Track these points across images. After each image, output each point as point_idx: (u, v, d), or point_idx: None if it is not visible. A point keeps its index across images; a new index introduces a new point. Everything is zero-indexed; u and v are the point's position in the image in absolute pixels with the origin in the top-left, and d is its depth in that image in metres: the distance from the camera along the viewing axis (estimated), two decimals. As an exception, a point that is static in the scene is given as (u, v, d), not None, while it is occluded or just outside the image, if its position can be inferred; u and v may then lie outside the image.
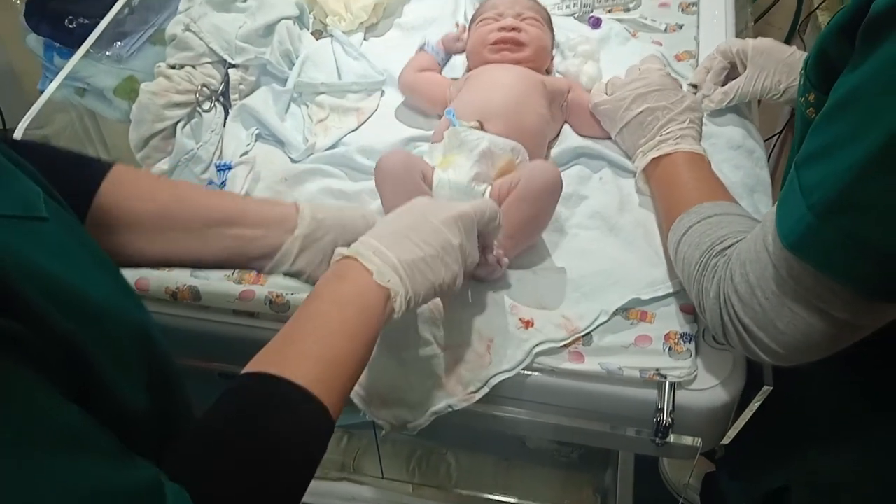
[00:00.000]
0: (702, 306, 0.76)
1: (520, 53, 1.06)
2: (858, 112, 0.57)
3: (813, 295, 0.63)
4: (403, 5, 1.30)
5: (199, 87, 1.08)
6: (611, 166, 1.00)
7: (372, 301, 0.65)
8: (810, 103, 0.71)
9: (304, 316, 0.64)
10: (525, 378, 0.83)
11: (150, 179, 0.82)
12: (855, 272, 0.59)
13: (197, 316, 0.92)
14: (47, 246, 0.52)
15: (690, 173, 0.88)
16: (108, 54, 1.44)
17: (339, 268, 0.68)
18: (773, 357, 0.69)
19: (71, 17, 1.47)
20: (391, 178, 0.90)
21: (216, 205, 0.76)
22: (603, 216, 0.95)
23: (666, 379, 0.80)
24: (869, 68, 0.56)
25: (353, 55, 1.17)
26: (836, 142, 0.58)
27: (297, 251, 0.76)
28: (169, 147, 1.07)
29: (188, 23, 1.11)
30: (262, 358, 0.60)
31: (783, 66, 0.99)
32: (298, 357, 0.60)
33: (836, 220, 0.58)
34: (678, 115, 0.92)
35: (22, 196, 0.53)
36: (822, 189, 0.59)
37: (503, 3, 1.11)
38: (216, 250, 0.75)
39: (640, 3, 1.26)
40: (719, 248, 0.74)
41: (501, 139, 0.93)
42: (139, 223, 0.73)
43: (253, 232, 0.75)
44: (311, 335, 0.62)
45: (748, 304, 0.68)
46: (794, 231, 0.61)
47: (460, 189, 0.90)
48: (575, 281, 0.89)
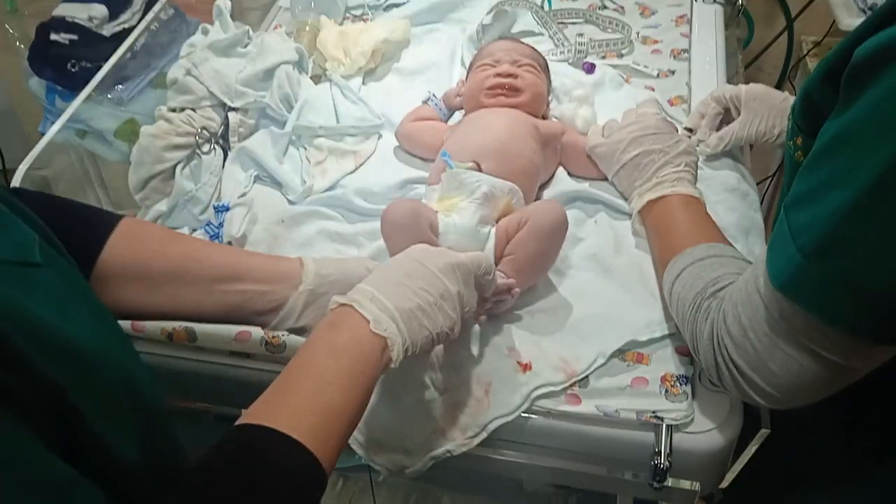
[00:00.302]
0: (696, 348, 0.76)
1: (515, 99, 1.07)
2: (844, 156, 0.58)
3: (804, 336, 0.63)
4: (401, 51, 1.32)
5: (198, 130, 1.10)
6: (606, 209, 1.01)
7: (368, 350, 0.64)
8: (798, 146, 0.73)
9: (298, 366, 0.63)
10: (522, 421, 0.82)
11: (158, 233, 0.82)
12: (844, 313, 0.60)
13: (192, 357, 0.92)
14: (39, 292, 0.52)
15: (685, 216, 0.89)
16: (110, 97, 1.46)
17: (335, 316, 0.67)
18: (767, 400, 0.69)
19: (74, 61, 1.49)
20: (400, 229, 0.89)
21: (224, 261, 0.76)
22: (598, 258, 0.95)
23: (663, 421, 0.79)
24: (853, 114, 0.58)
25: (352, 99, 1.19)
26: (823, 185, 0.59)
27: (301, 306, 0.77)
28: (168, 188, 1.08)
29: (189, 67, 1.13)
30: (256, 410, 0.60)
31: (776, 110, 1.01)
32: (292, 409, 0.59)
33: (825, 262, 0.59)
34: (674, 158, 0.93)
35: (16, 241, 0.53)
36: (810, 231, 0.60)
37: (500, 49, 1.13)
38: (221, 305, 0.76)
39: (632, 50, 1.29)
40: (712, 289, 0.74)
41: (500, 181, 0.94)
42: (147, 277, 0.73)
43: (258, 287, 0.76)
44: (305, 386, 0.61)
45: (741, 345, 0.68)
46: (783, 272, 0.62)
47: (467, 233, 0.90)
48: (572, 323, 0.89)
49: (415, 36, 1.34)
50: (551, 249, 0.90)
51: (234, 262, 0.76)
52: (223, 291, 0.75)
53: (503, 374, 0.83)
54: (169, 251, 0.75)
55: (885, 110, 0.55)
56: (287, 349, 0.89)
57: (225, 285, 0.75)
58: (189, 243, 0.84)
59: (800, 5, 1.74)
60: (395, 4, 1.44)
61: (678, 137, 0.96)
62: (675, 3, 1.38)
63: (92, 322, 0.57)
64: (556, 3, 1.42)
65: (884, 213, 0.55)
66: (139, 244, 0.74)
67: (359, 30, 1.29)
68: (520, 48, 1.14)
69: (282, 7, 1.49)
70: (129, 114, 1.48)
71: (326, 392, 0.61)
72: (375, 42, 1.26)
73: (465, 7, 1.38)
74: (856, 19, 1.42)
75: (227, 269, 0.75)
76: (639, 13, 1.37)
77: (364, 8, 1.43)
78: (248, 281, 0.75)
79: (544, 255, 0.90)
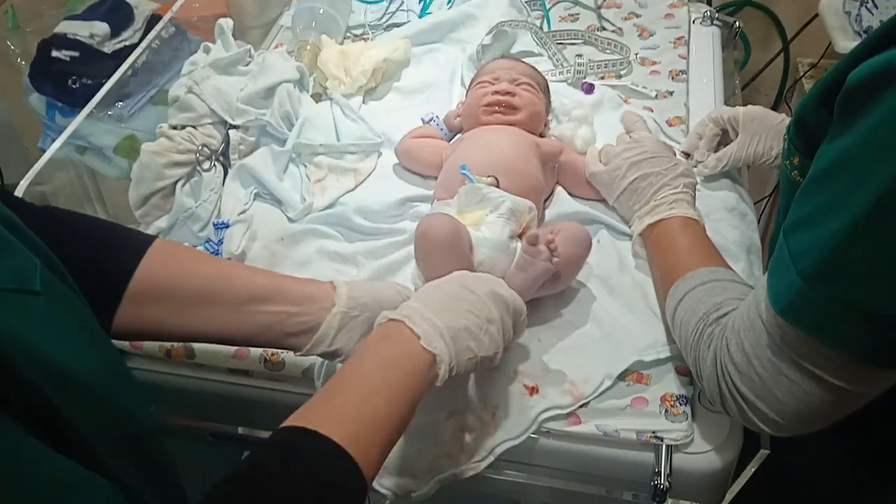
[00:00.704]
0: (699, 374, 0.76)
1: (512, 116, 1.07)
2: (842, 180, 0.58)
3: (808, 361, 0.63)
4: (402, 70, 1.33)
5: (199, 147, 1.10)
6: (608, 229, 1.01)
7: (416, 365, 0.65)
8: (795, 166, 0.73)
9: (346, 374, 0.64)
10: (523, 441, 0.82)
11: (191, 254, 0.82)
12: (846, 337, 0.60)
13: (191, 374, 0.92)
14: (37, 320, 0.52)
15: (685, 238, 0.88)
16: (110, 114, 1.47)
17: (385, 330, 0.68)
18: (773, 427, 0.69)
19: (75, 78, 1.50)
20: (440, 245, 0.87)
21: (254, 282, 0.76)
22: (602, 278, 0.95)
23: (663, 441, 0.79)
24: (850, 138, 0.58)
25: (352, 118, 1.19)
26: (822, 209, 0.59)
27: (336, 329, 0.75)
28: (168, 205, 1.08)
29: (191, 85, 1.14)
30: (301, 413, 0.60)
31: (773, 132, 1.01)
32: (337, 414, 0.59)
33: (825, 286, 0.59)
34: (672, 181, 0.93)
35: (16, 269, 0.53)
36: (810, 255, 0.60)
37: (500, 67, 1.14)
38: (252, 326, 0.74)
39: (631, 70, 1.30)
40: (715, 315, 0.74)
41: (519, 198, 0.94)
42: (178, 297, 0.73)
43: (289, 308, 0.75)
44: (351, 393, 0.62)
45: (745, 373, 0.68)
46: (784, 297, 0.62)
47: (499, 247, 0.89)
48: (578, 345, 0.89)
49: (415, 55, 1.35)
50: (578, 258, 0.90)
51: (265, 283, 0.76)
52: (253, 312, 0.73)
53: (510, 398, 0.83)
54: (200, 271, 0.75)
55: (881, 134, 0.55)
56: (286, 367, 0.89)
57: (255, 306, 0.73)
58: (220, 264, 0.84)
59: (796, 28, 1.75)
60: (395, 24, 1.45)
61: (675, 160, 0.96)
62: (673, 25, 1.39)
63: (89, 350, 0.57)
64: (554, 23, 1.43)
65: (883, 236, 0.56)
66: (172, 264, 0.73)
67: (359, 49, 1.30)
68: (519, 67, 1.15)
69: (283, 26, 1.50)
70: (129, 130, 1.48)
71: (372, 401, 0.61)
72: (376, 61, 1.26)
73: (465, 27, 1.39)
74: (851, 42, 1.44)
75: (257, 290, 0.74)
76: (637, 34, 1.38)
77: (365, 28, 1.44)
78: (279, 302, 0.74)
79: (574, 258, 0.90)
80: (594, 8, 1.45)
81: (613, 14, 1.43)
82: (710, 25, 1.41)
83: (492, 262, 0.89)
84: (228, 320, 0.74)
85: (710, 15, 1.41)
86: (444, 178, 1.03)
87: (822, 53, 1.71)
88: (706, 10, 1.43)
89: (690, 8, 1.43)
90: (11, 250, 0.54)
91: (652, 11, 1.43)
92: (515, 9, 1.39)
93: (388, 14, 1.48)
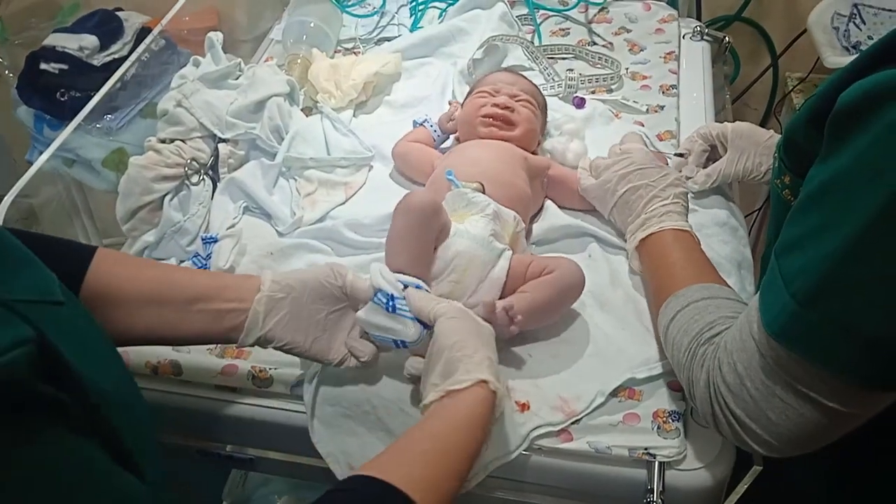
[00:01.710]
0: (692, 394, 0.75)
1: (508, 132, 1.07)
2: (833, 202, 0.58)
3: (802, 383, 0.62)
4: (393, 84, 1.33)
5: (188, 161, 1.09)
6: (599, 243, 1.01)
7: (485, 411, 0.70)
8: (785, 185, 0.73)
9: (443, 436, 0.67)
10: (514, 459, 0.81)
11: (133, 260, 0.87)
12: (840, 359, 0.59)
13: (178, 391, 0.91)
14: (65, 329, 0.54)
15: (677, 253, 0.88)
16: (99, 127, 1.46)
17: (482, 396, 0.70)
18: (766, 449, 0.68)
19: (63, 91, 1.49)
20: (418, 218, 0.87)
21: (197, 282, 0.79)
22: (594, 293, 0.94)
23: (655, 458, 0.79)
24: (841, 160, 0.58)
25: (343, 131, 1.19)
26: (814, 231, 0.59)
27: (263, 313, 0.78)
28: (156, 219, 1.07)
29: (180, 99, 1.13)
30: (377, 462, 0.63)
31: (762, 148, 1.01)
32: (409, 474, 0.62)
33: (819, 308, 0.59)
34: (662, 192, 0.93)
35: (40, 281, 0.55)
36: (803, 277, 0.59)
37: (502, 80, 1.14)
38: (199, 323, 0.78)
39: (622, 85, 1.30)
40: (707, 335, 0.74)
41: (504, 208, 0.94)
42: (127, 301, 0.75)
43: (230, 304, 0.78)
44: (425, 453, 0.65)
45: (738, 394, 0.67)
46: (777, 319, 0.62)
47: (480, 241, 0.89)
48: (570, 361, 0.88)
49: (406, 69, 1.35)
50: (562, 305, 0.90)
51: (206, 282, 0.79)
52: (198, 310, 0.77)
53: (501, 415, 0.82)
54: (145, 275, 0.78)
55: (873, 156, 0.55)
56: (273, 384, 0.88)
57: (199, 305, 0.77)
58: (163, 267, 0.89)
59: (784, 43, 1.77)
60: (386, 38, 1.46)
61: (666, 171, 0.96)
62: (664, 39, 1.39)
63: (110, 361, 0.60)
64: (545, 38, 1.43)
65: (876, 258, 0.55)
66: (118, 269, 0.76)
67: (350, 63, 1.29)
68: (521, 83, 1.15)
69: (273, 40, 1.50)
70: (117, 143, 1.48)
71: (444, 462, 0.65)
72: (367, 75, 1.26)
73: (457, 42, 1.39)
74: (839, 57, 1.45)
75: (199, 289, 0.78)
76: (627, 49, 1.39)
77: (356, 41, 1.44)
78: (221, 299, 0.78)
79: (556, 306, 0.89)
80: (585, 23, 1.45)
81: (604, 29, 1.44)
82: (700, 41, 1.41)
83: (469, 256, 0.88)
84: (176, 319, 0.77)
85: (700, 30, 1.42)
86: (432, 185, 1.03)
87: (810, 68, 1.73)
88: (696, 25, 1.44)
89: (681, 23, 1.44)
90: (31, 262, 0.56)
91: (642, 27, 1.43)
92: (506, 23, 1.39)
93: (379, 28, 1.48)
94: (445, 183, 0.96)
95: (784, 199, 0.73)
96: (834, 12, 1.53)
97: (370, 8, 1.52)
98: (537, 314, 0.87)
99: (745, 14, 1.75)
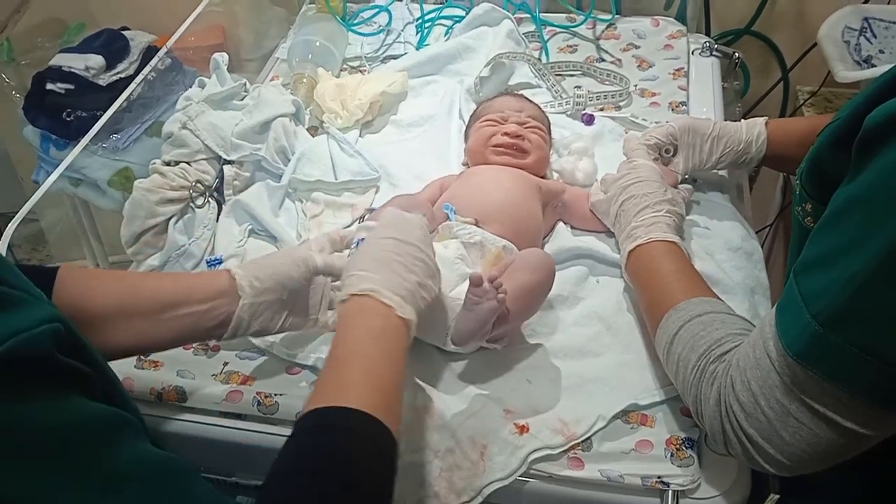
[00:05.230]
0: (699, 412, 0.74)
1: (521, 160, 1.06)
2: (857, 221, 0.57)
3: (819, 403, 0.62)
4: (399, 103, 1.32)
5: (193, 184, 1.08)
6: (607, 266, 0.99)
7: (399, 332, 0.71)
8: (807, 213, 0.73)
9: (345, 352, 0.68)
10: (522, 485, 0.80)
11: (96, 274, 0.88)
12: (862, 381, 0.59)
13: (182, 418, 0.89)
14: None
15: (671, 264, 0.87)
16: (105, 146, 1.46)
17: (359, 305, 0.71)
18: (777, 468, 0.67)
19: (69, 111, 1.49)
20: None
21: (163, 288, 0.80)
22: (600, 316, 0.93)
23: (669, 487, 0.77)
24: (866, 179, 0.57)
25: (349, 152, 1.18)
26: (836, 251, 0.59)
27: (248, 318, 0.81)
28: (161, 243, 1.06)
29: (185, 121, 1.12)
30: (319, 395, 0.64)
31: (708, 139, 1.03)
32: (354, 389, 0.64)
33: (842, 330, 0.58)
34: (655, 205, 0.92)
35: None
36: (825, 298, 0.59)
37: (509, 107, 1.13)
38: (173, 330, 0.80)
39: (630, 102, 1.29)
40: (717, 352, 0.73)
41: (493, 236, 0.93)
42: (94, 318, 0.76)
43: (202, 307, 0.80)
44: (359, 368, 0.67)
45: (751, 413, 0.67)
46: (798, 340, 0.61)
47: (445, 262, 0.88)
48: (571, 384, 0.87)
49: (412, 88, 1.34)
50: (537, 284, 0.87)
51: (172, 288, 0.80)
52: (169, 318, 0.78)
53: (499, 437, 0.81)
54: (108, 289, 0.78)
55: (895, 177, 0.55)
56: (279, 410, 0.86)
57: (169, 312, 0.78)
58: (126, 278, 0.89)
59: (795, 56, 1.75)
60: (392, 56, 1.45)
61: (665, 187, 0.95)
62: (673, 56, 1.38)
63: None
64: (553, 55, 1.42)
65: None
66: (80, 289, 0.76)
67: (357, 82, 1.29)
68: (528, 108, 1.14)
69: (279, 59, 1.49)
70: (123, 163, 1.48)
71: (378, 372, 0.67)
72: (373, 94, 1.25)
73: (463, 59, 1.38)
74: (850, 71, 1.43)
75: (166, 297, 0.79)
76: (636, 66, 1.37)
77: (361, 60, 1.43)
78: (191, 303, 0.79)
79: (534, 287, 0.86)
80: (593, 39, 1.44)
81: (612, 45, 1.43)
82: (710, 56, 1.40)
83: None
84: (148, 330, 0.78)
85: (710, 46, 1.41)
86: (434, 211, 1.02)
87: (821, 82, 1.71)
88: (705, 41, 1.43)
89: (689, 39, 1.43)
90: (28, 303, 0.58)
91: (651, 43, 1.42)
92: (513, 40, 1.38)
93: (386, 46, 1.47)
94: (443, 213, 0.96)
95: (806, 227, 0.72)
96: (844, 26, 1.51)
97: (376, 26, 1.52)
98: (521, 299, 0.85)
99: (754, 27, 1.73)
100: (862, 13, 1.52)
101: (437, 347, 0.91)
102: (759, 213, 1.73)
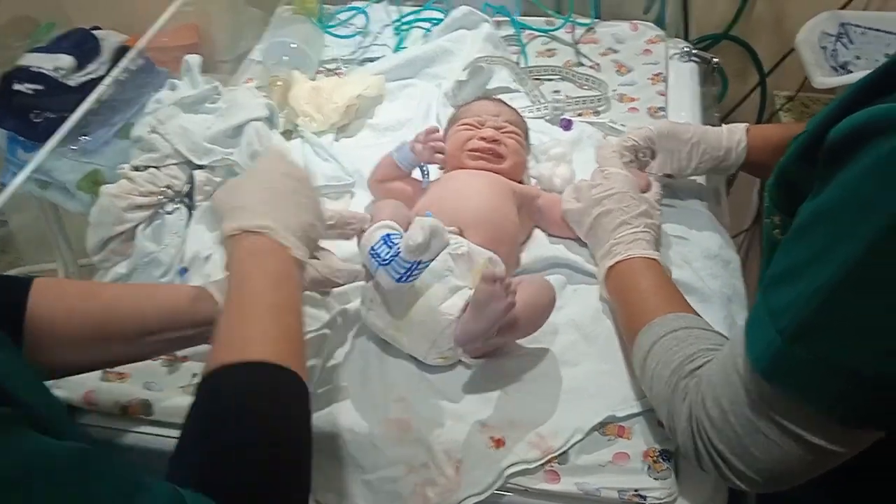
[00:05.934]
0: (672, 428, 0.74)
1: (497, 164, 1.05)
2: (822, 235, 0.57)
3: (787, 419, 0.62)
4: (375, 107, 1.30)
5: (162, 189, 1.06)
6: (585, 276, 0.99)
7: (296, 275, 0.70)
8: (776, 225, 0.72)
9: (244, 298, 0.66)
10: (498, 498, 0.79)
11: (72, 289, 0.79)
12: (829, 397, 0.58)
13: (149, 431, 0.87)
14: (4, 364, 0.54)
15: (647, 281, 0.87)
16: (74, 148, 1.42)
17: (251, 244, 0.69)
18: (749, 485, 0.67)
19: (37, 112, 1.45)
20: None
21: (146, 314, 0.76)
22: (577, 325, 0.92)
23: (646, 500, 0.77)
24: (829, 193, 0.57)
25: (323, 156, 1.16)
26: (802, 265, 0.58)
27: None
28: (129, 250, 1.04)
29: (155, 125, 1.10)
30: (222, 351, 0.61)
31: (688, 145, 1.02)
32: (260, 340, 0.62)
33: (807, 344, 0.57)
34: (632, 219, 0.92)
35: None
36: (790, 313, 0.58)
37: (486, 110, 1.11)
38: (154, 352, 0.79)
39: (609, 107, 1.28)
40: (689, 367, 0.72)
41: (480, 248, 0.92)
42: (69, 339, 0.73)
43: (184, 333, 0.77)
44: (261, 316, 0.64)
45: (721, 429, 0.66)
46: (764, 356, 0.61)
47: (434, 275, 0.87)
48: (548, 396, 0.86)
49: (389, 91, 1.33)
50: (540, 308, 0.87)
51: (153, 314, 0.76)
52: (151, 342, 0.76)
53: (475, 451, 0.80)
54: (86, 310, 0.75)
55: (861, 190, 0.54)
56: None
57: (151, 337, 0.75)
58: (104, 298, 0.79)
59: (773, 61, 1.76)
60: (369, 59, 1.43)
61: (640, 198, 0.95)
62: (651, 60, 1.38)
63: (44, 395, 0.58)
64: (532, 59, 1.41)
65: (865, 294, 0.54)
66: (55, 307, 0.73)
67: (332, 85, 1.27)
68: (505, 112, 1.12)
69: (254, 60, 1.47)
70: (92, 165, 1.44)
71: (281, 319, 0.65)
72: (349, 98, 1.24)
73: (441, 62, 1.36)
74: (827, 76, 1.44)
75: (151, 323, 0.75)
76: (615, 70, 1.37)
77: (338, 62, 1.41)
78: (175, 329, 0.76)
79: (541, 303, 0.87)
80: (572, 43, 1.43)
81: (591, 50, 1.42)
82: (689, 61, 1.40)
83: (418, 285, 0.87)
84: (130, 351, 0.76)
85: (688, 51, 1.41)
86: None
87: (798, 87, 1.72)
88: (684, 46, 1.42)
89: (668, 44, 1.42)
90: None
91: (630, 47, 1.42)
92: (492, 44, 1.37)
93: (362, 48, 1.45)
94: None
95: (775, 239, 0.72)
96: (822, 31, 1.52)
97: (353, 28, 1.50)
98: (528, 304, 0.85)
99: (732, 32, 1.74)
100: (839, 19, 1.53)
101: (413, 359, 0.89)
102: (736, 218, 1.73)
